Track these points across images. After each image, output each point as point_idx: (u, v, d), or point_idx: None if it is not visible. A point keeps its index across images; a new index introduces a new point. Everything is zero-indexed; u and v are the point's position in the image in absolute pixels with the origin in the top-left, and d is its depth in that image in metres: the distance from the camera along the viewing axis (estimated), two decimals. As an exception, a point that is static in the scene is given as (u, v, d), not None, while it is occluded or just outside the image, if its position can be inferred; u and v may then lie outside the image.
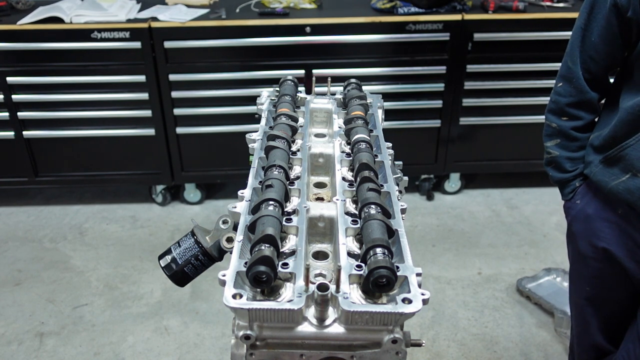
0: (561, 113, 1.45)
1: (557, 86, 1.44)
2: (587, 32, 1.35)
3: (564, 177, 1.51)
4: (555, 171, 1.53)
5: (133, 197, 3.49)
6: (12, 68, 2.94)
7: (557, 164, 1.51)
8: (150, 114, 3.07)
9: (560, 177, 1.52)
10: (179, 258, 1.20)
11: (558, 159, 1.49)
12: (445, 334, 2.42)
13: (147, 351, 2.35)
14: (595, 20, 1.32)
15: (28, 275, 2.81)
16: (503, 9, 2.97)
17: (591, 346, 1.64)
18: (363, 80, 1.69)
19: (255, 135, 1.38)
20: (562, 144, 1.48)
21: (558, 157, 1.49)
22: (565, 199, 1.55)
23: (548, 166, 1.55)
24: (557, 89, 1.44)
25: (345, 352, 0.89)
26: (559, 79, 1.44)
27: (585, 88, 1.39)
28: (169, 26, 2.86)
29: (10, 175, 3.23)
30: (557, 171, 1.52)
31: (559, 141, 1.48)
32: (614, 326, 1.58)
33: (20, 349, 2.36)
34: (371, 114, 1.48)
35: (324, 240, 1.12)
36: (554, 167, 1.53)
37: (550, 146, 1.50)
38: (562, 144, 1.48)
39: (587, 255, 1.50)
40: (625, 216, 1.37)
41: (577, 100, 1.42)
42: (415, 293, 0.87)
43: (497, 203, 3.40)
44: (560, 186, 1.55)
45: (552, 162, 1.52)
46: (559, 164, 1.50)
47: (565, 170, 1.50)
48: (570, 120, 1.45)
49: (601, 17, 1.31)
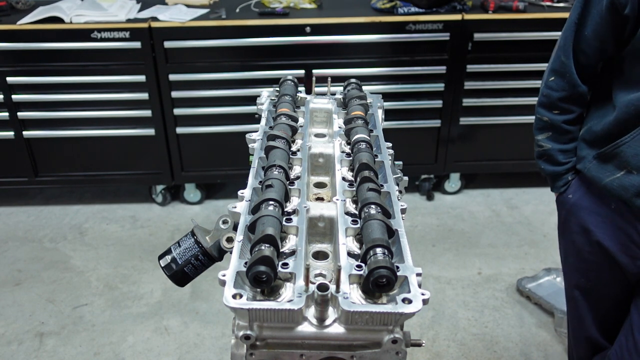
0: (553, 107, 1.46)
1: (549, 80, 1.44)
2: (581, 27, 1.34)
3: (556, 170, 1.52)
4: (547, 164, 1.53)
5: (133, 197, 3.49)
6: (12, 68, 2.94)
7: (549, 156, 1.51)
8: (150, 114, 3.07)
9: (552, 170, 1.52)
10: (179, 258, 1.20)
11: (550, 151, 1.50)
12: (445, 334, 2.42)
13: (147, 351, 2.35)
14: (589, 15, 1.32)
15: (28, 275, 2.81)
16: (503, 9, 2.97)
17: (586, 340, 1.64)
18: (363, 80, 1.69)
19: (255, 135, 1.38)
20: (553, 137, 1.48)
21: (550, 150, 1.50)
22: (557, 191, 1.56)
23: (540, 159, 1.55)
24: (549, 83, 1.44)
25: (345, 352, 0.89)
26: (551, 73, 1.44)
27: (577, 82, 1.40)
28: (169, 26, 2.86)
29: (10, 175, 3.23)
30: (549, 164, 1.52)
31: (551, 134, 1.48)
32: (608, 321, 1.58)
33: (20, 349, 2.36)
34: (371, 114, 1.48)
35: (324, 240, 1.12)
36: (545, 160, 1.53)
37: (542, 139, 1.50)
38: (553, 136, 1.48)
39: (581, 249, 1.50)
40: (618, 211, 1.38)
41: (569, 94, 1.42)
42: (415, 293, 0.87)
43: (497, 203, 3.40)
44: (552, 179, 1.55)
45: (543, 154, 1.52)
46: (551, 157, 1.51)
47: (557, 162, 1.51)
48: (562, 114, 1.45)
49: (596, 12, 1.30)
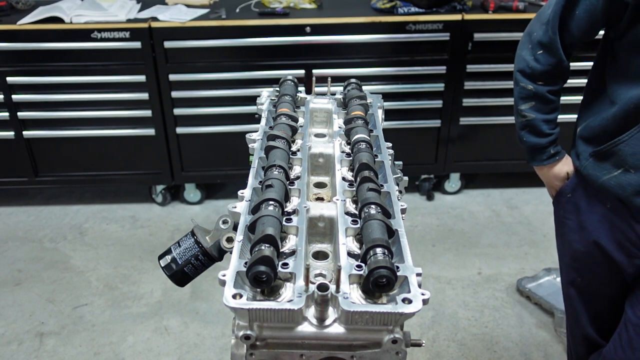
0: (537, 79, 1.43)
1: (538, 54, 1.40)
2: (573, 5, 1.32)
3: (539, 143, 1.49)
4: (530, 135, 1.49)
5: (133, 197, 3.49)
6: (12, 68, 2.94)
7: (532, 127, 1.48)
8: (150, 114, 3.07)
9: (536, 141, 1.50)
10: (179, 258, 1.20)
11: (534, 122, 1.46)
12: (445, 334, 2.42)
13: (147, 351, 2.35)
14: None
15: (28, 275, 2.81)
16: (503, 9, 2.97)
17: (583, 338, 1.64)
18: (363, 80, 1.69)
19: (255, 135, 1.38)
20: (537, 106, 1.45)
21: (534, 120, 1.46)
22: (538, 164, 1.53)
23: (523, 130, 1.51)
24: (538, 56, 1.40)
25: (345, 352, 0.89)
26: (538, 46, 1.39)
27: (563, 58, 1.38)
28: (169, 26, 2.86)
29: (10, 175, 3.23)
30: (533, 135, 1.49)
31: (534, 103, 1.45)
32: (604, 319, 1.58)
33: (20, 349, 2.36)
34: (371, 114, 1.48)
35: (324, 240, 1.12)
36: (529, 131, 1.49)
37: (525, 109, 1.46)
38: (537, 106, 1.45)
39: (577, 248, 1.50)
40: (614, 210, 1.37)
41: (555, 69, 1.41)
42: (415, 293, 0.87)
43: (497, 203, 3.40)
44: (533, 152, 1.52)
45: (527, 125, 1.49)
46: (535, 127, 1.47)
47: (541, 133, 1.48)
48: (546, 85, 1.43)
49: None
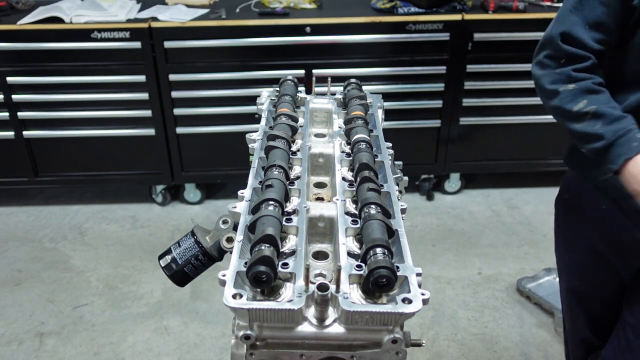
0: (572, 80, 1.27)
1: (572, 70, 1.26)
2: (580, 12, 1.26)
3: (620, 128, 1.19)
4: (605, 125, 1.21)
5: (133, 197, 3.49)
6: (12, 68, 2.94)
7: (600, 115, 1.21)
8: (150, 114, 3.07)
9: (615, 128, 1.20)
10: (179, 258, 1.20)
11: (599, 109, 1.22)
12: (445, 334, 2.42)
13: (147, 351, 2.35)
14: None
15: (28, 275, 2.81)
16: (503, 9, 2.97)
17: (581, 340, 1.64)
18: (363, 80, 1.69)
19: (255, 135, 1.38)
20: (593, 98, 1.23)
21: (599, 109, 1.22)
22: (630, 155, 1.17)
23: (593, 127, 1.23)
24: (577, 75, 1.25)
25: (345, 352, 0.89)
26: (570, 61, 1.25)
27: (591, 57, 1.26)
28: (169, 26, 2.86)
29: (10, 175, 3.23)
30: (606, 124, 1.21)
31: (587, 97, 1.24)
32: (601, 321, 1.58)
33: (20, 349, 2.36)
34: (371, 114, 1.48)
35: (324, 240, 1.12)
36: (600, 121, 1.22)
37: (583, 107, 1.23)
38: (592, 97, 1.23)
39: (574, 250, 1.50)
40: (610, 212, 1.37)
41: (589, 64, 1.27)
42: (415, 293, 0.87)
43: (497, 203, 3.40)
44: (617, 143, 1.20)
45: (593, 116, 1.23)
46: (604, 113, 1.21)
47: (614, 116, 1.21)
48: (586, 80, 1.26)
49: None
